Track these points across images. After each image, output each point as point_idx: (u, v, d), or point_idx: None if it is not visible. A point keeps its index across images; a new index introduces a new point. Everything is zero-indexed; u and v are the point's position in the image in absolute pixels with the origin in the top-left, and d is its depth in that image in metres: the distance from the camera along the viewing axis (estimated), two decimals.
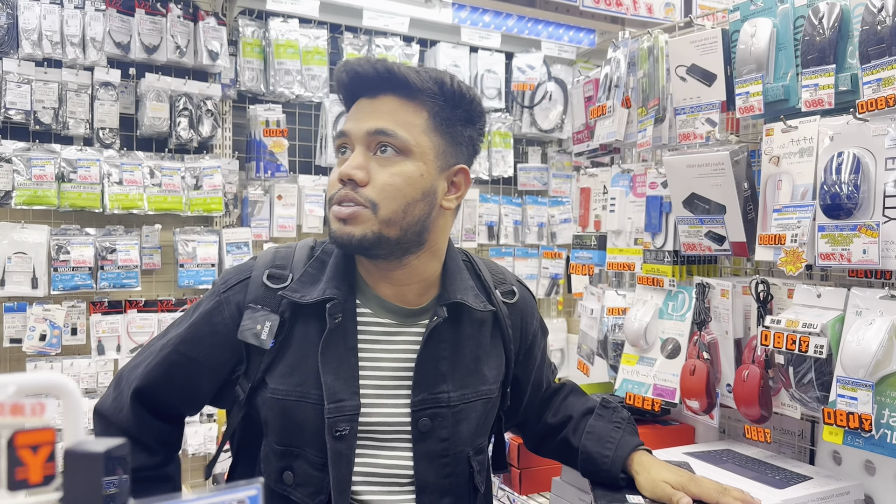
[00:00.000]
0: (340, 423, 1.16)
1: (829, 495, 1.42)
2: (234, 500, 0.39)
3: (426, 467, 1.20)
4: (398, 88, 1.17)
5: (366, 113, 1.17)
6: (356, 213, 1.13)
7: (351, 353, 1.19)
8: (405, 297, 1.24)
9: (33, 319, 2.79)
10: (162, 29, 3.01)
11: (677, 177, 1.71)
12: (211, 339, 1.21)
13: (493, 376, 1.31)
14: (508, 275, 1.42)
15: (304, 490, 1.18)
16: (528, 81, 3.79)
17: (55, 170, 2.80)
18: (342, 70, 1.20)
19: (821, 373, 1.40)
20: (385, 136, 1.14)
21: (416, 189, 1.15)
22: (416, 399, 1.20)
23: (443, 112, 1.19)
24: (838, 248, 1.37)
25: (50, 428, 0.37)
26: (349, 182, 1.14)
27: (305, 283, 1.21)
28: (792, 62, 1.53)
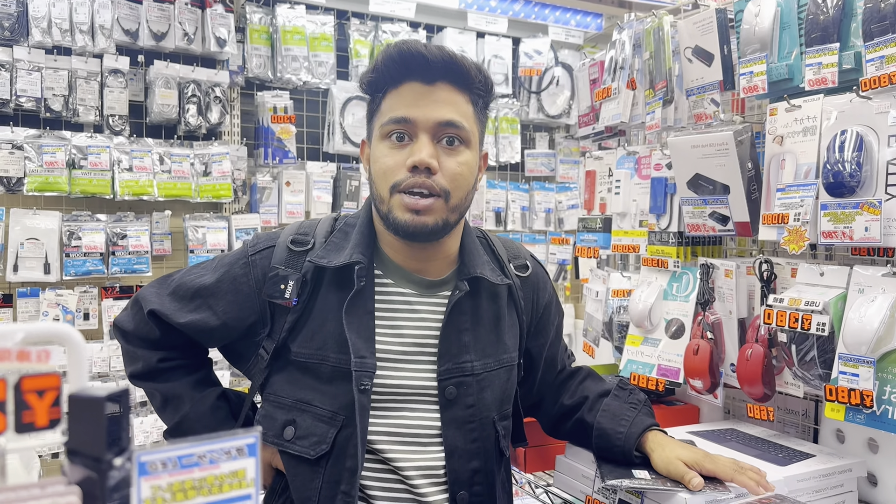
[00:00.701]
0: (363, 379, 1.21)
1: (831, 472, 1.43)
2: (234, 448, 0.41)
3: (454, 432, 1.25)
4: (455, 77, 1.20)
5: (428, 100, 1.19)
6: (431, 206, 1.18)
7: (369, 316, 1.24)
8: (426, 269, 1.30)
9: (46, 304, 2.83)
10: (170, 16, 3.03)
11: (681, 158, 1.72)
12: (233, 295, 1.27)
13: (513, 344, 1.36)
14: (523, 250, 1.47)
15: (305, 441, 1.23)
16: (535, 67, 3.79)
17: (66, 156, 2.83)
18: (400, 49, 1.20)
19: (823, 350, 1.41)
20: (454, 129, 1.19)
21: (473, 176, 1.24)
22: (441, 369, 1.26)
23: (480, 100, 1.26)
24: (840, 227, 1.37)
25: (55, 373, 0.39)
26: (425, 170, 1.17)
27: (330, 250, 1.26)
28: (796, 41, 1.53)
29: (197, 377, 1.37)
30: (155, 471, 0.38)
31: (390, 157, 1.20)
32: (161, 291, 1.33)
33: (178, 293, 1.31)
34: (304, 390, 1.25)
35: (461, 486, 1.26)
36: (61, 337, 0.41)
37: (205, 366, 1.41)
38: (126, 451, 0.39)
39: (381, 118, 1.23)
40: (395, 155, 1.20)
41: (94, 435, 0.38)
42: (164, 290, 1.33)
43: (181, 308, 1.30)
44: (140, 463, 0.38)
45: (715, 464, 1.28)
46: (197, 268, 1.35)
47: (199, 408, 1.34)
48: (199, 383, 1.37)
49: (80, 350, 0.41)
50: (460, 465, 1.25)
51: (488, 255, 1.36)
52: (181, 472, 0.39)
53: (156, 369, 1.33)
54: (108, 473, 0.38)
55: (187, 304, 1.30)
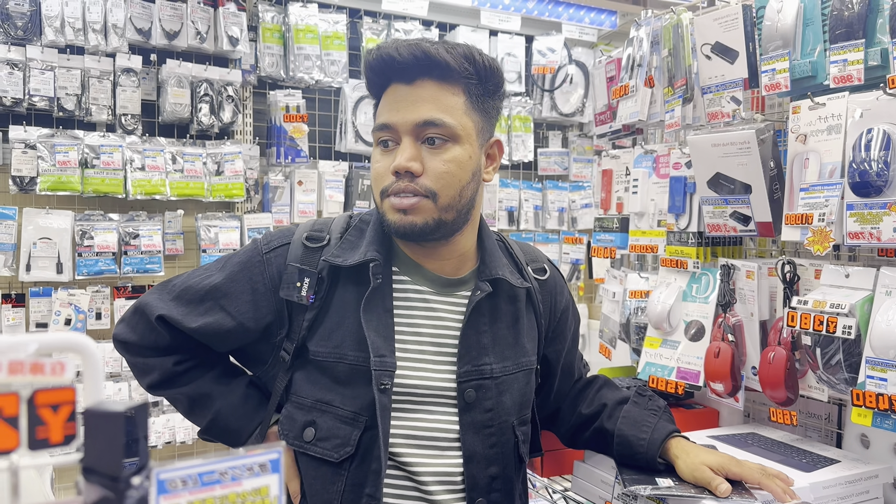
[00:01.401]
0: (384, 378, 1.19)
1: (857, 478, 1.40)
2: (256, 464, 0.39)
3: (473, 437, 1.23)
4: (435, 71, 1.17)
5: (408, 102, 1.17)
6: (417, 204, 1.16)
7: (388, 314, 1.22)
8: (444, 268, 1.28)
9: (59, 304, 2.83)
10: (182, 15, 3.02)
11: (702, 156, 1.69)
12: (248, 295, 1.24)
13: (531, 348, 1.34)
14: (540, 254, 1.45)
15: (327, 444, 1.20)
16: (548, 65, 3.76)
17: (78, 156, 2.82)
18: (375, 56, 1.19)
19: (849, 354, 1.37)
20: (434, 127, 1.16)
21: (467, 172, 1.20)
22: (461, 370, 1.23)
23: (477, 89, 1.21)
24: (867, 227, 1.34)
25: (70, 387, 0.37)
26: (406, 174, 1.16)
27: (346, 248, 1.24)
28: (820, 38, 1.49)
29: (218, 371, 1.32)
30: (174, 489, 0.36)
31: (379, 164, 1.20)
32: (164, 297, 1.27)
33: (184, 297, 1.26)
34: (323, 390, 1.23)
35: (479, 492, 1.22)
36: (77, 347, 0.39)
37: (223, 359, 1.36)
38: (144, 469, 0.38)
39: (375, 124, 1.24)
40: (383, 160, 1.20)
41: (111, 452, 0.36)
42: (168, 296, 1.27)
43: (191, 311, 1.25)
44: (159, 481, 0.36)
45: (741, 468, 1.25)
46: (201, 269, 1.30)
47: (229, 400, 1.29)
48: (222, 376, 1.32)
49: (96, 362, 0.39)
50: (478, 470, 1.22)
51: (507, 258, 1.35)
52: (202, 490, 0.37)
53: (174, 373, 1.28)
54: (125, 493, 0.36)
55: (197, 306, 1.25)
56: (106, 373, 2.91)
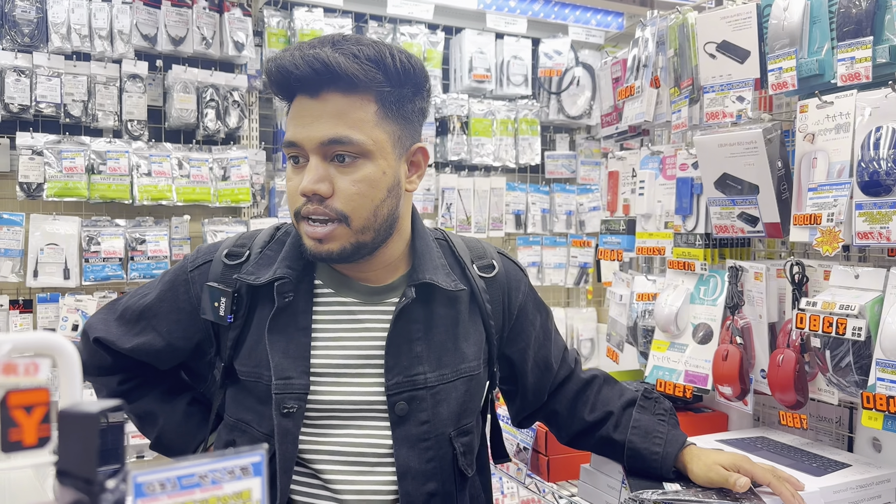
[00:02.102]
0: (288, 401, 1.14)
1: (868, 483, 1.37)
2: (237, 467, 0.37)
3: (407, 452, 1.16)
4: (340, 83, 1.08)
5: (312, 117, 1.09)
6: (331, 233, 1.11)
7: (302, 333, 1.17)
8: (370, 277, 1.22)
9: (66, 310, 2.83)
10: (188, 20, 3.02)
11: (708, 157, 1.67)
12: (175, 314, 1.23)
13: (474, 353, 1.26)
14: (490, 249, 1.36)
15: None
16: (555, 67, 3.74)
17: (85, 162, 2.83)
18: (273, 68, 1.11)
19: (859, 356, 1.35)
20: (341, 145, 1.09)
21: (381, 189, 1.12)
22: (390, 382, 1.18)
23: (391, 96, 1.13)
24: (877, 227, 1.32)
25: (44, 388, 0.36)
26: (314, 196, 1.10)
27: (262, 265, 1.19)
28: (827, 35, 1.47)
29: (163, 388, 1.33)
30: (153, 492, 0.35)
31: (290, 183, 1.14)
32: (108, 318, 1.28)
33: (124, 317, 1.27)
34: (244, 410, 1.20)
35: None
36: (52, 348, 0.38)
37: (169, 376, 1.35)
38: (121, 472, 0.36)
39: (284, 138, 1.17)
40: (294, 179, 1.13)
41: (86, 454, 0.35)
42: (112, 316, 1.28)
43: (126, 332, 1.25)
44: (136, 484, 0.35)
45: (753, 467, 1.24)
46: (144, 287, 1.30)
47: (172, 418, 1.31)
48: (166, 394, 1.33)
49: (72, 362, 0.38)
50: (414, 487, 1.16)
51: (447, 258, 1.28)
52: (181, 494, 0.36)
53: (118, 392, 1.28)
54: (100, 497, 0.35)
55: (133, 327, 1.25)
56: None
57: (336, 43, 1.10)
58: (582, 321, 3.91)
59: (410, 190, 1.20)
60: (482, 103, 3.64)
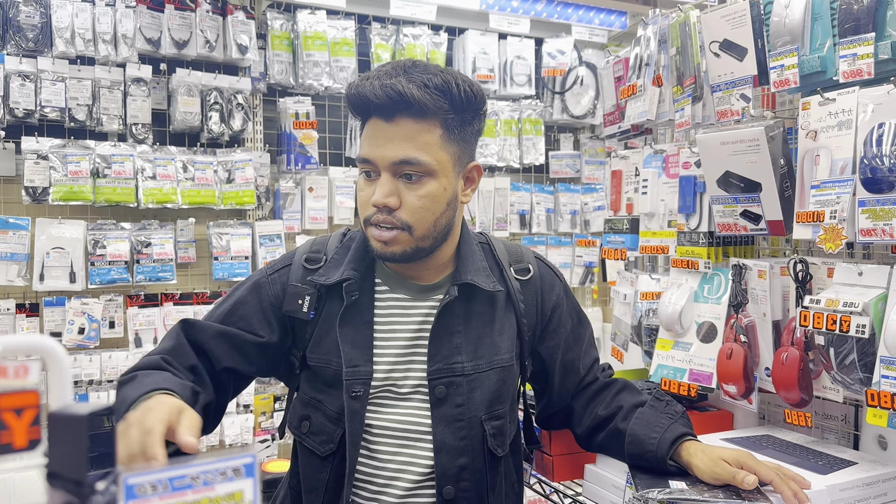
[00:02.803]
0: (356, 386, 1.30)
1: (874, 480, 1.37)
2: (229, 468, 0.37)
3: (443, 430, 1.31)
4: (412, 109, 1.22)
5: (386, 138, 1.24)
6: (395, 237, 1.26)
7: (367, 326, 1.33)
8: (420, 276, 1.38)
9: (72, 313, 2.84)
10: (191, 24, 3.03)
11: (711, 155, 1.66)
12: (256, 307, 1.36)
13: (507, 347, 1.39)
14: (528, 254, 1.50)
15: (316, 438, 1.33)
16: (558, 67, 3.74)
17: (90, 166, 2.84)
18: (354, 94, 1.26)
19: (863, 353, 1.34)
20: (410, 166, 1.24)
21: (441, 203, 1.28)
22: (431, 369, 1.32)
23: (454, 121, 1.27)
24: (880, 224, 1.31)
25: (34, 390, 0.36)
26: (384, 208, 1.25)
27: (331, 267, 1.36)
28: (829, 32, 1.47)
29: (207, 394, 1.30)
30: (144, 494, 0.35)
31: (363, 193, 1.29)
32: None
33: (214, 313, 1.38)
34: (316, 390, 1.35)
35: (448, 480, 1.30)
36: (42, 351, 0.38)
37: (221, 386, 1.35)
38: (111, 474, 0.36)
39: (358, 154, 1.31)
40: (366, 190, 1.28)
41: (75, 456, 0.35)
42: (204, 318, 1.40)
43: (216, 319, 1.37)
44: (127, 486, 0.35)
45: (757, 464, 1.25)
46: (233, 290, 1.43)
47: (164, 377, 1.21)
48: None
49: (62, 365, 0.38)
50: (448, 461, 1.30)
51: (488, 260, 1.42)
52: (173, 496, 0.36)
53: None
54: (90, 498, 0.35)
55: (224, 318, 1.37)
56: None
57: (408, 71, 1.24)
58: None
59: (465, 202, 1.36)
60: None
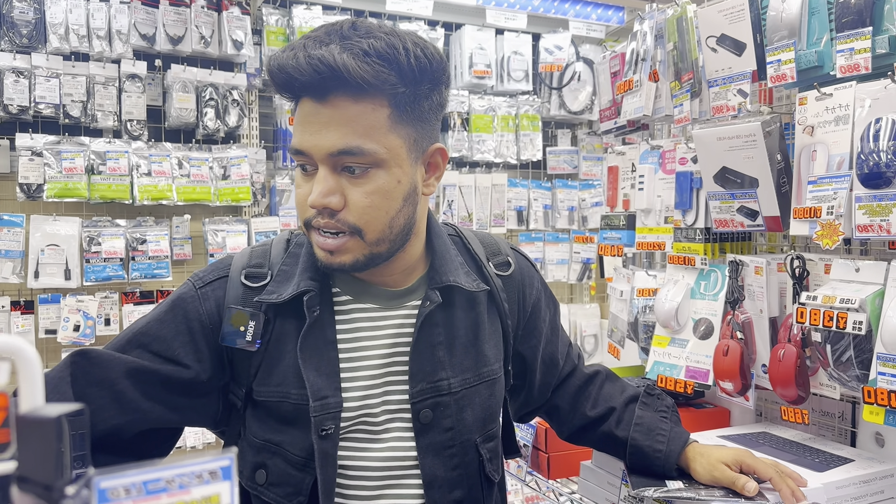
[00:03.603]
0: (326, 422, 1.07)
1: (871, 478, 1.36)
2: (206, 471, 0.36)
3: (432, 460, 1.12)
4: (349, 87, 0.98)
5: (319, 124, 1.00)
6: (343, 245, 1.04)
7: (330, 346, 1.10)
8: (388, 281, 1.15)
9: (67, 310, 2.83)
10: (186, 19, 3.02)
11: (707, 151, 1.65)
12: (179, 328, 1.08)
13: (494, 355, 1.21)
14: (503, 244, 1.31)
15: (279, 490, 1.09)
16: (555, 62, 3.73)
17: (85, 162, 2.83)
18: (275, 69, 1.00)
19: (860, 350, 1.34)
20: (351, 156, 1.00)
21: (396, 199, 1.04)
22: (414, 390, 1.12)
23: (405, 96, 1.02)
24: (877, 220, 1.30)
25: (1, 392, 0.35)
26: (324, 210, 1.02)
27: (281, 282, 1.11)
28: (826, 27, 1.46)
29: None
30: (117, 498, 0.34)
31: (300, 191, 1.05)
32: None
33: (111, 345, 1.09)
34: (271, 431, 1.10)
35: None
36: (11, 351, 0.37)
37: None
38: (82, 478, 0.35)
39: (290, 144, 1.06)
40: (304, 187, 1.05)
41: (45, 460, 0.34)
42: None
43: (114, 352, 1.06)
44: (99, 490, 0.34)
45: (756, 462, 1.23)
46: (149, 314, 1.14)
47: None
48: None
49: (33, 366, 0.37)
50: (441, 496, 1.12)
51: (463, 256, 1.22)
52: (147, 499, 0.35)
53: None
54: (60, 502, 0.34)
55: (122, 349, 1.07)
56: None
57: (345, 36, 0.99)
58: (585, 317, 3.90)
59: (427, 194, 1.12)
60: (483, 99, 3.63)
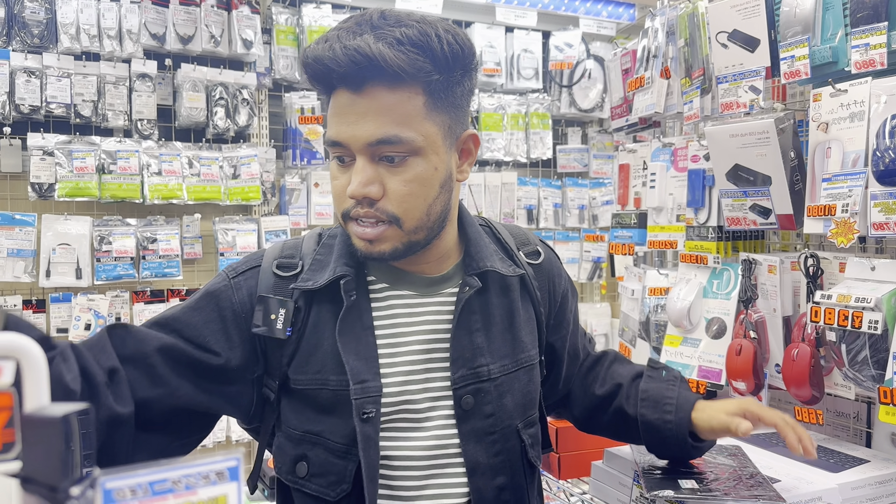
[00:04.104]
0: (367, 406, 1.06)
1: (887, 479, 1.35)
2: (213, 472, 0.36)
3: (475, 447, 1.11)
4: (385, 76, 0.99)
5: (357, 115, 1.01)
6: (382, 234, 1.05)
7: (368, 332, 1.11)
8: (424, 269, 1.15)
9: (78, 309, 2.84)
10: (196, 19, 3.02)
11: (720, 148, 1.64)
12: (211, 316, 1.09)
13: (531, 341, 1.20)
14: (531, 236, 1.31)
15: (322, 480, 1.08)
16: (566, 60, 3.71)
17: (96, 162, 2.84)
18: (311, 61, 1.01)
19: (876, 350, 1.32)
20: (390, 146, 1.01)
21: (433, 186, 1.06)
22: (455, 376, 1.11)
23: (440, 83, 1.03)
24: (893, 217, 1.29)
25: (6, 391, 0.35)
26: (364, 200, 1.03)
27: (315, 270, 1.12)
28: (840, 22, 1.44)
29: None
30: (123, 499, 0.34)
31: (337, 182, 1.07)
32: None
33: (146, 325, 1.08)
34: (310, 421, 1.10)
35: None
36: (16, 350, 0.37)
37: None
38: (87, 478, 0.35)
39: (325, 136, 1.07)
40: (341, 178, 1.06)
41: (50, 460, 0.34)
42: None
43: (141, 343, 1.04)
44: (105, 491, 0.33)
45: (762, 410, 1.19)
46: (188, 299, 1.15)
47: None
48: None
49: (38, 365, 0.37)
50: (484, 482, 1.11)
51: (494, 244, 1.22)
52: (153, 500, 0.34)
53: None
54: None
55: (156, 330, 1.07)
56: None
57: (376, 26, 1.00)
58: (596, 316, 3.88)
59: (461, 180, 1.13)
60: (492, 98, 3.62)
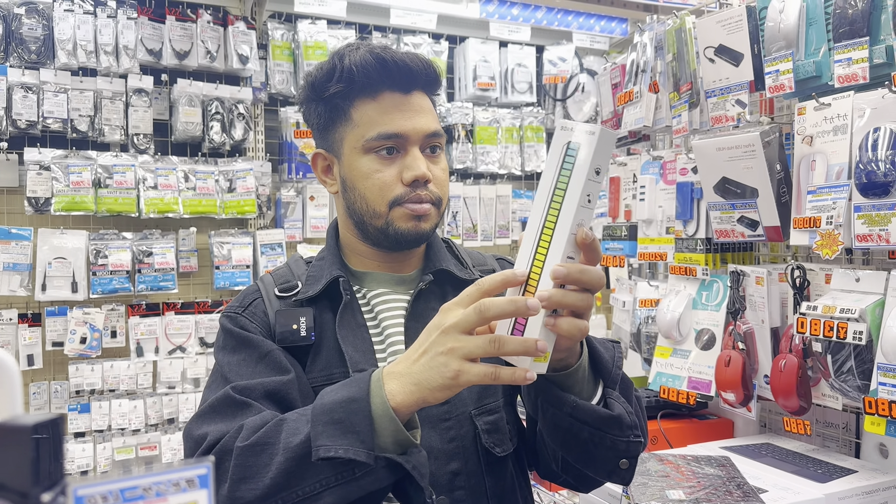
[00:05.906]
0: None
1: (874, 489, 1.35)
2: (183, 479, 0.37)
3: (428, 432, 1.15)
4: (427, 84, 1.19)
5: (412, 111, 1.18)
6: (428, 212, 1.18)
7: (362, 329, 1.20)
8: (394, 267, 1.26)
9: (74, 323, 2.85)
10: (192, 35, 3.04)
11: (707, 161, 1.66)
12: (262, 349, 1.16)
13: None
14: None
15: None
16: (559, 74, 3.74)
17: (92, 176, 2.85)
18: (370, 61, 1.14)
19: (861, 360, 1.33)
20: (437, 138, 1.20)
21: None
22: None
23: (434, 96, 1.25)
24: (876, 229, 1.30)
25: None
26: (423, 183, 1.16)
27: (311, 284, 1.22)
28: (823, 37, 1.46)
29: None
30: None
31: (382, 174, 1.17)
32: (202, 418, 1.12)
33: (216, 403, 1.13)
34: None
35: (440, 490, 1.15)
36: None
37: None
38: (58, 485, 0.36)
39: (359, 131, 1.17)
40: (389, 170, 1.17)
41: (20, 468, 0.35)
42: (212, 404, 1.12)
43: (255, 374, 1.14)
44: (77, 497, 0.34)
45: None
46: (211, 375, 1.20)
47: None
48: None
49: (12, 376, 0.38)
50: (437, 467, 1.15)
51: (452, 256, 1.33)
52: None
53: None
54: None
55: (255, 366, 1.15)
56: (122, 390, 2.92)
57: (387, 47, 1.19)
58: (592, 328, 3.84)
59: None
60: (487, 111, 3.64)
